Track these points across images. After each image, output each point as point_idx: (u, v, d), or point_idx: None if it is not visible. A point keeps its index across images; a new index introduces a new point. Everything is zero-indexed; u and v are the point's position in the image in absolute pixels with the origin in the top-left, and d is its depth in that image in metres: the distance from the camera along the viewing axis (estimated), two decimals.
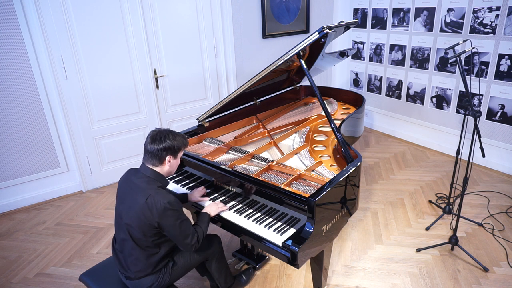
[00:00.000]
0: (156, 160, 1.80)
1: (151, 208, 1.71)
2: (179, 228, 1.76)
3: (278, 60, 2.27)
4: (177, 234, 1.77)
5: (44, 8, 3.14)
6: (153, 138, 1.79)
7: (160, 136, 1.79)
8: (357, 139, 3.10)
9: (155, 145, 1.78)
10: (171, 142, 1.80)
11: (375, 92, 4.89)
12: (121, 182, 1.90)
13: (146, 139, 1.82)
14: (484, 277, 2.44)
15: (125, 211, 1.80)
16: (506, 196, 3.33)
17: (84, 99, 3.51)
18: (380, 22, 4.55)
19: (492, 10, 3.47)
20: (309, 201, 1.79)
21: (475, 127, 2.38)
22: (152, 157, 1.80)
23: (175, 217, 1.75)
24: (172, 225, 1.74)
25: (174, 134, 1.84)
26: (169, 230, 1.76)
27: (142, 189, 1.76)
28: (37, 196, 3.60)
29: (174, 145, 1.81)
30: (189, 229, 1.82)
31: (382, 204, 3.31)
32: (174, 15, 3.75)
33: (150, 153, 1.79)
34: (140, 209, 1.72)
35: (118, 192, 1.90)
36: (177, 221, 1.75)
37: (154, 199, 1.71)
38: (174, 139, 1.81)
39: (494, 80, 3.60)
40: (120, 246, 1.87)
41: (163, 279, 1.88)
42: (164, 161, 1.82)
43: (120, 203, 1.85)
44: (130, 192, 1.80)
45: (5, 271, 2.69)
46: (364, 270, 2.55)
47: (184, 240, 1.80)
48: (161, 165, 1.83)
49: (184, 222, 1.79)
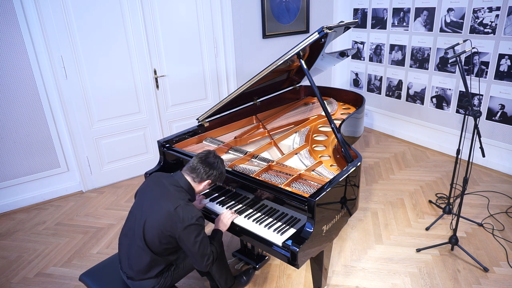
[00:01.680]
0: (199, 177, 1.83)
1: (178, 219, 1.69)
2: (198, 246, 1.74)
3: (278, 60, 2.27)
4: (194, 252, 1.74)
5: (44, 8, 3.14)
6: (208, 159, 1.84)
7: (214, 162, 1.85)
8: (357, 139, 3.10)
9: (206, 166, 1.82)
10: (218, 172, 1.86)
11: (375, 92, 4.89)
12: (151, 179, 1.88)
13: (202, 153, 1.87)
14: (484, 277, 2.44)
15: (148, 211, 1.77)
16: (506, 196, 3.33)
17: (84, 99, 3.51)
18: (380, 22, 4.55)
19: (492, 10, 3.47)
20: (309, 201, 1.79)
21: (475, 127, 2.38)
22: (197, 172, 1.82)
23: (196, 234, 1.72)
24: (192, 241, 1.72)
25: (223, 165, 1.91)
26: (187, 245, 1.73)
27: (173, 197, 1.74)
28: (37, 196, 3.60)
29: (217, 176, 1.87)
30: (207, 249, 1.78)
31: (382, 204, 3.31)
32: (174, 15, 3.75)
33: (197, 169, 1.82)
34: (166, 215, 1.70)
35: (144, 188, 1.87)
36: (198, 238, 1.73)
37: (184, 210, 1.70)
38: (222, 172, 1.89)
39: (494, 80, 3.60)
40: (129, 243, 1.84)
41: (165, 282, 1.88)
42: (203, 182, 1.84)
43: (142, 201, 1.82)
44: (158, 194, 1.78)
45: (5, 271, 2.69)
46: (364, 270, 2.55)
47: (201, 259, 1.77)
48: (199, 183, 1.85)
49: (204, 240, 1.76)
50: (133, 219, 1.84)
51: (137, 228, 1.79)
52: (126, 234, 1.88)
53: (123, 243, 1.89)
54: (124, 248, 1.87)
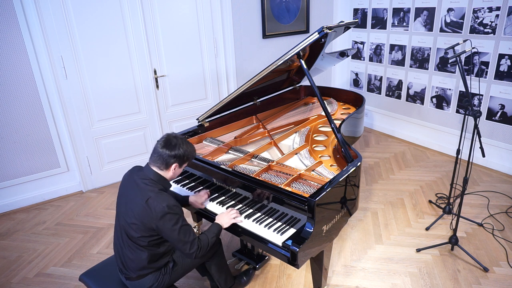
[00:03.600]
0: (163, 164, 1.79)
1: (151, 211, 1.70)
2: (178, 234, 1.73)
3: (278, 60, 2.26)
4: (176, 240, 1.75)
5: (44, 8, 3.13)
6: (167, 142, 1.79)
7: (175, 142, 1.79)
8: (357, 139, 3.10)
9: (167, 149, 1.77)
10: (183, 151, 1.79)
11: (375, 92, 4.89)
12: (124, 179, 1.90)
13: (159, 140, 1.81)
14: (484, 277, 2.44)
15: (124, 210, 1.80)
16: (506, 196, 3.33)
17: (84, 99, 3.51)
18: (380, 22, 4.55)
19: (492, 10, 3.47)
20: (309, 201, 1.79)
21: (475, 127, 2.38)
22: (160, 160, 1.78)
23: (173, 222, 1.72)
24: (170, 230, 1.72)
25: (187, 144, 1.83)
26: (167, 234, 1.74)
27: (143, 190, 1.76)
28: (37, 196, 3.60)
29: (184, 155, 1.81)
30: (189, 236, 1.77)
31: (382, 204, 3.31)
32: (174, 15, 3.75)
33: (159, 156, 1.78)
34: (139, 210, 1.72)
35: (120, 189, 1.90)
36: (176, 226, 1.72)
37: (154, 201, 1.71)
38: (186, 150, 1.81)
39: (494, 80, 3.60)
40: (120, 244, 1.86)
41: (163, 279, 1.88)
42: (170, 168, 1.81)
43: (120, 201, 1.86)
44: (131, 191, 1.81)
45: (5, 271, 2.69)
46: (364, 270, 2.55)
47: (183, 246, 1.77)
48: (166, 170, 1.82)
49: (184, 228, 1.75)
50: (118, 220, 1.86)
51: (122, 228, 1.82)
52: (116, 235, 1.90)
53: (116, 244, 1.91)
54: (117, 248, 1.89)
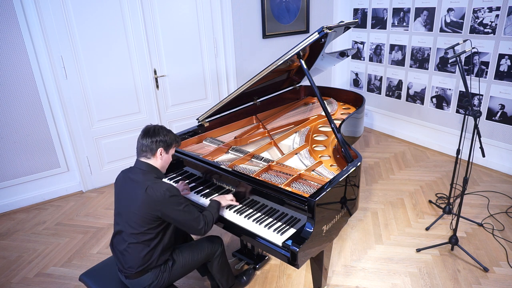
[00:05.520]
0: (148, 152, 1.84)
1: (152, 198, 1.73)
2: (184, 213, 1.79)
3: (278, 60, 2.27)
4: (184, 219, 1.80)
5: (44, 8, 3.13)
6: (146, 132, 1.85)
7: (153, 130, 1.85)
8: (357, 139, 3.10)
9: (148, 137, 1.83)
10: (163, 136, 1.85)
11: (375, 92, 4.89)
12: (118, 180, 1.93)
13: (141, 132, 1.88)
14: (484, 277, 2.44)
15: (125, 206, 1.81)
16: (506, 196, 3.33)
17: (84, 99, 3.51)
18: (380, 22, 4.55)
19: (492, 10, 3.47)
20: (309, 201, 1.79)
21: (475, 127, 2.38)
22: (145, 149, 1.84)
23: (177, 203, 1.77)
24: (176, 211, 1.77)
25: (166, 130, 1.90)
26: (174, 217, 1.78)
27: (140, 182, 1.78)
28: (37, 196, 3.60)
29: (166, 139, 1.86)
30: (195, 213, 1.84)
31: (382, 204, 3.31)
32: (174, 15, 3.75)
33: (142, 146, 1.84)
34: (141, 201, 1.74)
35: (116, 190, 1.92)
36: (180, 207, 1.78)
37: (153, 189, 1.74)
38: (166, 135, 1.87)
39: (494, 80, 3.60)
40: (118, 242, 1.87)
41: (162, 277, 1.88)
42: (156, 153, 1.85)
43: (119, 200, 1.87)
44: (128, 187, 1.82)
45: (5, 271, 2.69)
46: (364, 270, 2.55)
47: (191, 224, 1.83)
48: (153, 157, 1.86)
49: (187, 207, 1.82)
50: (117, 219, 1.87)
51: (121, 226, 1.83)
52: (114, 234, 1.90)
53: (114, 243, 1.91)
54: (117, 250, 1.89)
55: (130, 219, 1.78)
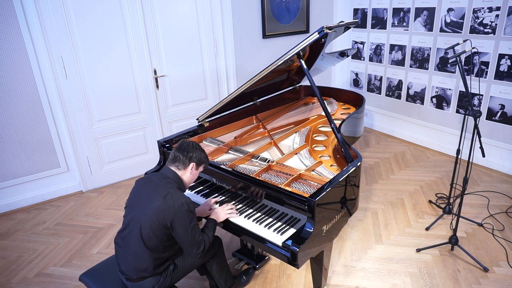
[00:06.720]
0: (181, 163, 1.87)
1: (168, 205, 1.72)
2: (190, 233, 1.77)
3: (278, 60, 2.27)
4: (186, 239, 1.78)
5: (44, 8, 3.13)
6: (184, 145, 1.91)
7: (191, 145, 1.92)
8: (357, 139, 3.10)
9: (184, 151, 1.88)
10: (198, 153, 1.92)
11: (375, 92, 4.89)
12: (140, 180, 1.93)
13: (177, 144, 1.94)
14: (484, 277, 2.44)
15: (140, 207, 1.80)
16: (506, 196, 3.33)
17: (84, 99, 3.51)
18: (380, 22, 4.55)
19: (492, 10, 3.47)
20: (309, 201, 1.79)
21: (475, 127, 2.38)
22: (178, 160, 1.88)
23: (188, 220, 1.76)
24: (184, 227, 1.75)
25: (201, 149, 1.96)
26: (179, 232, 1.76)
27: (161, 187, 1.79)
28: (37, 196, 3.60)
29: (200, 157, 1.93)
30: (199, 236, 1.82)
31: (382, 204, 3.31)
32: (174, 15, 3.75)
33: (176, 157, 1.88)
34: (156, 206, 1.73)
35: (135, 187, 1.91)
36: (190, 225, 1.76)
37: (173, 196, 1.74)
38: (201, 153, 1.94)
39: (494, 80, 3.60)
40: (125, 242, 1.84)
41: (164, 281, 1.87)
42: (187, 167, 1.89)
43: (135, 198, 1.86)
44: (148, 188, 1.82)
45: (5, 271, 2.69)
46: (364, 270, 2.55)
47: (192, 247, 1.81)
48: (184, 169, 1.89)
49: (196, 228, 1.80)
50: (128, 218, 1.85)
51: (133, 226, 1.81)
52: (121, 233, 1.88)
53: (120, 244, 1.89)
54: (121, 249, 1.88)
55: (143, 222, 1.76)
